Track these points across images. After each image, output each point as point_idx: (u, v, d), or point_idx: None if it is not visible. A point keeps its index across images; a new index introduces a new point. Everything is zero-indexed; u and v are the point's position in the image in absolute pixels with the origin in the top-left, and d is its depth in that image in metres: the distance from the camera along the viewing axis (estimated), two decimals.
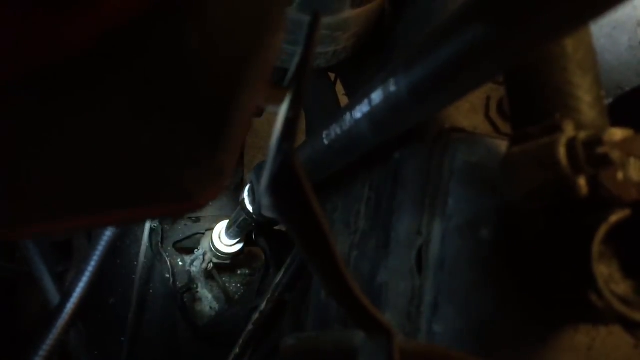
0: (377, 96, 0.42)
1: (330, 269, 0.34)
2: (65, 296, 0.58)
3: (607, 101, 0.61)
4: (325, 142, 0.53)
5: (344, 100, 0.90)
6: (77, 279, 0.58)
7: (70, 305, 0.57)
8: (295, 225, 0.33)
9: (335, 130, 0.51)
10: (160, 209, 0.31)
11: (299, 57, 0.33)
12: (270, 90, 0.39)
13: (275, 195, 0.30)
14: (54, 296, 0.68)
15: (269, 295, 0.95)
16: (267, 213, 0.90)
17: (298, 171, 0.30)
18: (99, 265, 0.59)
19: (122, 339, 1.04)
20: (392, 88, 0.40)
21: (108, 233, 0.60)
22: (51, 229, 0.29)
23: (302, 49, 0.33)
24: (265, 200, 0.31)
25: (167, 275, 1.26)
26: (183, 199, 0.30)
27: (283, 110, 0.33)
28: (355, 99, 0.47)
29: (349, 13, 0.58)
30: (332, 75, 0.94)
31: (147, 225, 1.03)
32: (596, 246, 0.35)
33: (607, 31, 0.54)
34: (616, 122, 0.40)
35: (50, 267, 0.71)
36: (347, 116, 0.48)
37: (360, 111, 0.46)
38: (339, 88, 0.93)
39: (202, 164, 0.30)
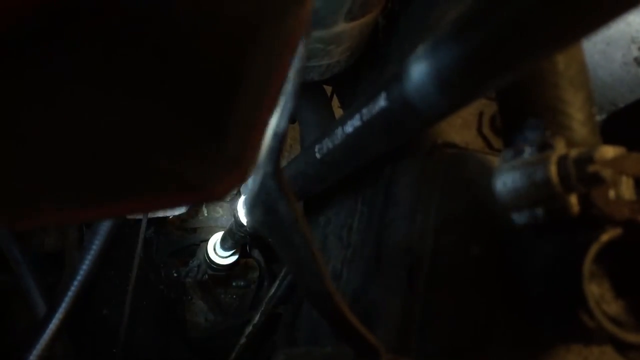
0: (368, 110, 0.42)
1: (318, 286, 0.34)
2: (52, 308, 0.56)
3: (601, 118, 0.61)
4: (318, 156, 0.53)
5: (340, 113, 0.89)
6: (64, 291, 0.57)
7: (56, 319, 0.55)
8: (280, 240, 0.32)
9: (327, 144, 0.50)
10: (168, 199, 0.27)
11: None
12: None
13: (256, 209, 0.30)
14: (42, 309, 0.66)
15: (262, 308, 0.95)
16: (252, 226, 0.89)
17: (284, 186, 0.29)
18: (87, 278, 0.57)
19: (115, 350, 1.03)
20: (383, 103, 0.40)
21: (97, 242, 0.59)
22: (57, 219, 0.26)
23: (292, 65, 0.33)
24: (249, 214, 0.31)
25: (161, 287, 1.25)
26: (191, 190, 0.27)
27: (271, 124, 0.33)
28: (347, 113, 0.47)
29: (342, 27, 0.58)
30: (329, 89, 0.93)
31: (142, 236, 1.03)
32: (587, 265, 0.34)
33: (600, 47, 0.54)
34: (609, 139, 0.39)
35: (40, 279, 0.69)
36: (339, 130, 0.47)
37: (352, 125, 0.45)
38: (335, 101, 0.92)
39: (208, 154, 0.25)
